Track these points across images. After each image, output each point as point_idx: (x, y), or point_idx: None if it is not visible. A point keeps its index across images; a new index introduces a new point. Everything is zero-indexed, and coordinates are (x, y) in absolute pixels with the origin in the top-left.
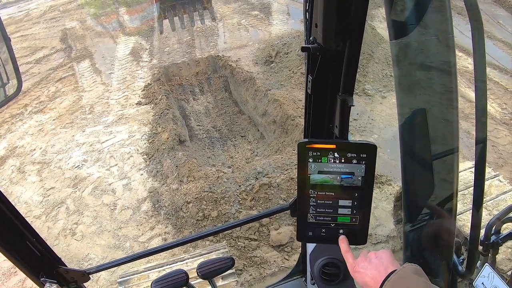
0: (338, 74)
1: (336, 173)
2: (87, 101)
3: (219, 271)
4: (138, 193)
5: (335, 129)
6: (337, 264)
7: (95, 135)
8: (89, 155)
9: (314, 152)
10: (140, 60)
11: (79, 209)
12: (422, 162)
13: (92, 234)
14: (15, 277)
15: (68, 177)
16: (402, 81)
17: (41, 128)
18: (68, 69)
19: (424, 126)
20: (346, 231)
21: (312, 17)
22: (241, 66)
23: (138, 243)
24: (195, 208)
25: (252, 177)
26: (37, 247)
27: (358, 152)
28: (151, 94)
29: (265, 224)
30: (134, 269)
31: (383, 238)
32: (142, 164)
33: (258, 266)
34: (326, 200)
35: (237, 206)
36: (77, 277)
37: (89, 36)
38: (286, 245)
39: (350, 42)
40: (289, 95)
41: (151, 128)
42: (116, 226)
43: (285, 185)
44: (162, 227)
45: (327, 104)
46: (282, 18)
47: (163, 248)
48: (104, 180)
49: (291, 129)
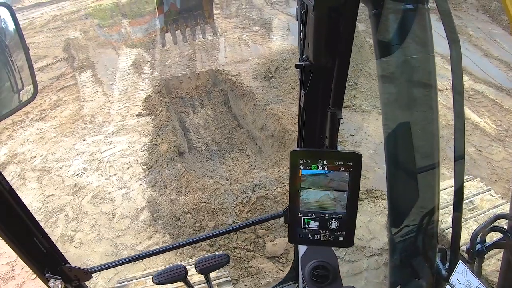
0: (328, 89)
1: (325, 179)
2: (88, 111)
3: (216, 267)
4: (137, 203)
5: (325, 139)
6: (326, 267)
7: (96, 144)
8: (89, 164)
9: (305, 160)
10: (141, 72)
11: (78, 216)
12: (406, 172)
13: (90, 241)
14: (13, 281)
15: (68, 184)
16: (386, 97)
17: (42, 135)
18: (70, 79)
19: (407, 139)
20: (333, 233)
21: (305, 37)
22: (240, 81)
23: (135, 251)
24: (192, 218)
25: (249, 190)
26: (44, 244)
27: (345, 160)
28: (151, 105)
29: (261, 236)
30: (132, 275)
31: (377, 251)
32: (141, 174)
33: (253, 276)
34: (316, 204)
35: (234, 217)
36: (80, 275)
37: (91, 47)
38: (281, 257)
39: (339, 60)
40: (287, 110)
41: (151, 139)
42: (114, 234)
43: (282, 197)
44: (159, 236)
45: (318, 117)
46: (282, 34)
47: (162, 250)
48: (104, 189)
49: (289, 143)
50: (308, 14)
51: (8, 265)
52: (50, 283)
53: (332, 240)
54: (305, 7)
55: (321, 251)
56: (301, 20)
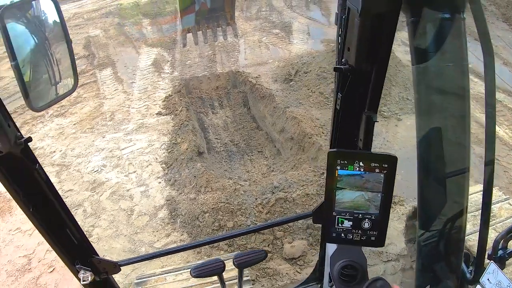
0: (365, 92)
1: (360, 180)
2: (108, 108)
3: (253, 262)
4: (156, 201)
5: (359, 142)
6: (355, 267)
7: (115, 141)
8: (108, 161)
9: (342, 160)
10: (161, 71)
11: (96, 212)
12: (437, 178)
13: (108, 237)
14: (29, 274)
15: (87, 180)
16: (421, 103)
17: (61, 131)
18: (90, 76)
19: (439, 147)
20: (366, 233)
21: (345, 41)
22: (260, 83)
23: (153, 248)
24: (211, 218)
25: (268, 191)
26: (75, 236)
27: (380, 162)
28: (171, 105)
29: (279, 237)
30: (151, 272)
31: (394, 256)
32: (160, 172)
33: (270, 277)
34: (350, 204)
35: (253, 218)
36: (109, 268)
37: (112, 45)
38: (299, 259)
39: (378, 65)
40: (307, 113)
41: (171, 138)
42: (132, 231)
43: (301, 200)
44: (177, 235)
45: (353, 119)
46: (303, 38)
47: (191, 246)
48: (122, 185)
49: (308, 147)
50: (351, 19)
51: (25, 258)
52: (80, 274)
53: (364, 240)
54: (346, 12)
55: (351, 251)
56: (341, 24)
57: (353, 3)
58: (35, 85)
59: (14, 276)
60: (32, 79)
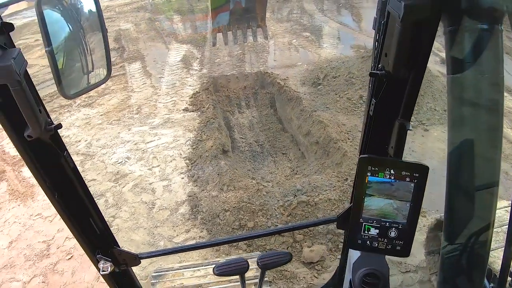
0: (400, 100)
1: (390, 188)
2: (135, 101)
3: (277, 264)
4: (177, 196)
5: (390, 149)
6: (377, 275)
7: (141, 134)
8: (132, 153)
9: (373, 167)
10: (190, 68)
11: (117, 203)
12: (465, 193)
13: (127, 229)
14: (47, 260)
15: (110, 171)
16: (453, 115)
17: (88, 121)
18: (119, 68)
19: (469, 159)
20: (391, 242)
21: (383, 47)
22: (288, 85)
23: (172, 243)
24: (232, 216)
25: (290, 194)
26: (98, 225)
27: (411, 171)
28: (198, 102)
29: (298, 241)
30: (169, 266)
31: (413, 268)
32: (184, 168)
33: (287, 280)
34: (378, 211)
35: (274, 220)
36: (129, 260)
37: (142, 39)
38: (317, 263)
39: (415, 72)
40: (334, 118)
41: (196, 134)
42: (152, 224)
43: (323, 205)
44: (197, 231)
45: (386, 126)
46: (333, 42)
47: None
48: (145, 179)
49: (333, 152)
50: (391, 24)
51: (45, 243)
52: (100, 264)
53: (389, 249)
54: (386, 17)
55: (374, 259)
56: (379, 29)
57: (394, 8)
58: (68, 73)
59: (32, 260)
60: (65, 67)
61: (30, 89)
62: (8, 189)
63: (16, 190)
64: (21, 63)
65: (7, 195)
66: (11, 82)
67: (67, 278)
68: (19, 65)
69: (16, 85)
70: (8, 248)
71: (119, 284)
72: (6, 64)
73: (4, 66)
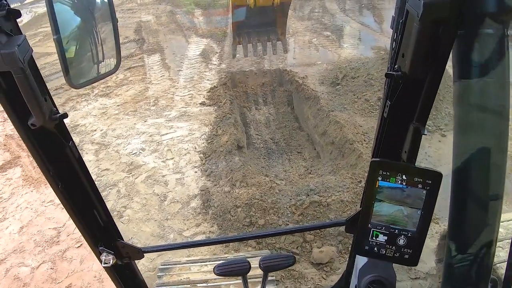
0: (416, 103)
1: (401, 194)
2: (152, 93)
3: (280, 267)
4: (190, 189)
5: (403, 154)
6: (383, 283)
7: (156, 126)
8: (147, 145)
9: (385, 171)
10: (209, 62)
11: (129, 194)
12: (470, 201)
13: (138, 220)
14: (57, 246)
15: (124, 162)
16: (460, 120)
17: (104, 111)
18: (138, 60)
19: (482, 167)
20: (400, 250)
21: (400, 47)
22: (307, 84)
23: (182, 237)
24: (243, 213)
25: (303, 193)
26: (102, 217)
27: (424, 177)
28: (215, 96)
29: (308, 241)
30: (177, 260)
31: (422, 274)
32: (197, 162)
33: (295, 280)
34: (387, 218)
35: (285, 219)
36: (132, 253)
37: (162, 32)
38: (326, 265)
39: (432, 74)
40: (351, 119)
41: (212, 129)
42: (163, 216)
43: (335, 206)
44: (207, 226)
45: (400, 130)
46: (353, 43)
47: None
48: (159, 171)
49: (348, 153)
50: (409, 23)
51: (55, 230)
52: (102, 257)
53: (397, 257)
54: (404, 16)
55: (381, 266)
56: (397, 28)
57: (413, 6)
58: (78, 62)
59: (42, 246)
60: (75, 56)
61: (35, 77)
62: (22, 174)
63: (30, 176)
64: (26, 50)
65: (21, 181)
66: (14, 69)
67: (75, 266)
68: (23, 53)
69: (19, 72)
70: (19, 233)
71: (122, 277)
72: (10, 51)
73: (8, 53)
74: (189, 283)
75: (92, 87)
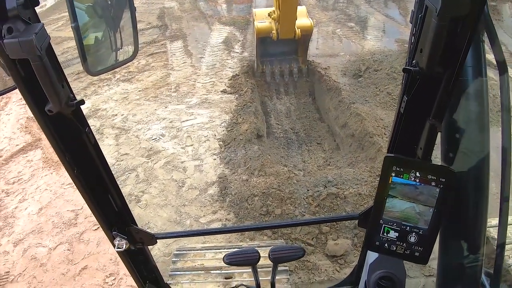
0: (433, 99)
1: (414, 191)
2: (174, 80)
3: (289, 259)
4: (208, 176)
5: (418, 150)
6: (393, 279)
7: (177, 113)
8: (167, 131)
9: (398, 167)
10: (231, 50)
11: (148, 179)
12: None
13: (155, 205)
14: (74, 228)
15: (144, 147)
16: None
17: (125, 96)
18: (160, 46)
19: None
20: (410, 247)
21: (419, 42)
22: (329, 75)
23: (198, 223)
24: (260, 202)
25: (321, 185)
26: (116, 202)
27: (438, 175)
28: (237, 84)
29: (324, 232)
30: (192, 246)
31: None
32: (217, 149)
33: (309, 271)
34: (399, 214)
35: (301, 209)
36: (145, 239)
37: (185, 19)
38: (340, 257)
39: (450, 71)
40: (372, 112)
41: (232, 117)
42: (180, 202)
43: (352, 199)
44: (224, 213)
45: (417, 126)
46: (377, 35)
47: (230, 230)
48: (178, 157)
49: (368, 146)
50: (428, 18)
51: (73, 213)
52: (116, 241)
53: (407, 254)
54: (423, 11)
55: (392, 262)
56: (416, 23)
57: (432, 1)
58: (96, 49)
59: (60, 228)
60: (94, 43)
61: (52, 64)
62: (43, 157)
63: (50, 159)
64: (44, 38)
65: (41, 163)
66: (32, 57)
67: (91, 248)
68: (40, 40)
69: (36, 60)
70: (38, 214)
71: (134, 262)
72: (28, 38)
73: (26, 41)
74: (203, 269)
75: (114, 72)
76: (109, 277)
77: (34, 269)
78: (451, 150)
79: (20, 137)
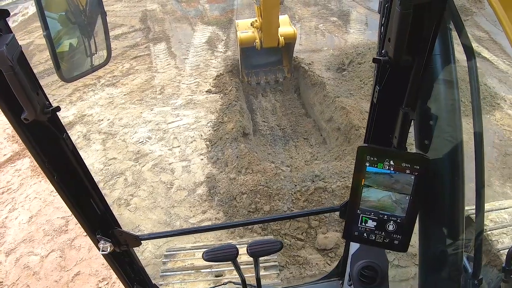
0: (404, 87)
1: (389, 180)
2: (158, 82)
3: (267, 252)
4: (196, 177)
5: (394, 139)
6: (375, 268)
7: (162, 115)
8: (154, 133)
9: (372, 157)
10: (215, 50)
11: (136, 182)
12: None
13: (145, 208)
14: (65, 235)
15: (131, 150)
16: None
17: (111, 101)
18: (144, 49)
19: (437, 148)
20: (389, 236)
21: (386, 31)
22: (313, 70)
23: (188, 224)
24: (248, 199)
25: (308, 179)
26: (99, 206)
27: (412, 163)
28: (221, 84)
29: (313, 227)
30: (182, 246)
31: None
32: (204, 149)
33: (300, 265)
34: (376, 203)
35: (290, 205)
36: (129, 241)
37: (168, 20)
38: (331, 250)
39: (419, 59)
40: (357, 105)
41: (218, 116)
42: (169, 204)
43: (340, 192)
44: (213, 212)
45: (390, 115)
46: (360, 28)
47: (215, 228)
48: (165, 159)
49: (354, 139)
50: (393, 7)
51: (63, 219)
52: (100, 244)
53: (386, 243)
54: (390, 0)
55: (374, 252)
56: (384, 13)
57: None
58: (71, 55)
59: (51, 235)
60: (69, 49)
61: (26, 74)
62: (31, 165)
63: (38, 167)
64: (15, 48)
65: (29, 172)
66: (4, 68)
67: (83, 254)
68: (11, 51)
69: (9, 70)
70: (28, 223)
71: (120, 264)
72: None
73: None
74: (193, 268)
75: (98, 77)
76: (102, 281)
77: (27, 278)
78: (425, 137)
79: (8, 147)
